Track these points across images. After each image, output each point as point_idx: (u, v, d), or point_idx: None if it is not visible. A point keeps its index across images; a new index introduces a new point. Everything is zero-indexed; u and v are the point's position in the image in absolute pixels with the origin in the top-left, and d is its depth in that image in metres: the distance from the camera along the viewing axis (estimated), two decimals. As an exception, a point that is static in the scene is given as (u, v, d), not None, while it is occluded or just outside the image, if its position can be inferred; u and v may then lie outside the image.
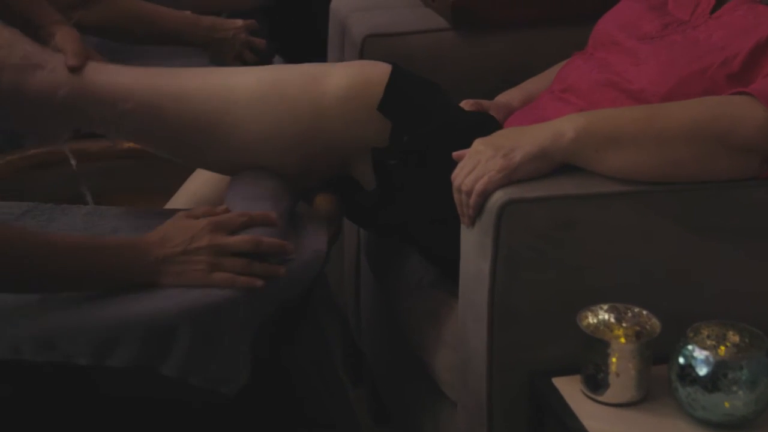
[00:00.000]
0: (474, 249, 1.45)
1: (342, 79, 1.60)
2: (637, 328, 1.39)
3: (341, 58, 2.14)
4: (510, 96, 1.90)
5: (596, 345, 1.36)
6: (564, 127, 1.43)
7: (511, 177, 1.41)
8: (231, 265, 1.38)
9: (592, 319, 1.39)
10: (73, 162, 1.82)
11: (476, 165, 1.43)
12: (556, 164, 1.43)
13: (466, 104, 1.83)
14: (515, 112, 1.83)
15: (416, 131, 1.60)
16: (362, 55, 2.03)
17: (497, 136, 1.46)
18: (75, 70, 1.59)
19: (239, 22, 2.24)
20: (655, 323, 1.37)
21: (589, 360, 1.37)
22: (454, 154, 1.49)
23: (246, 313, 1.38)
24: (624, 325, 1.39)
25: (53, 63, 1.58)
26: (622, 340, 1.38)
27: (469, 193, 1.42)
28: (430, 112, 1.63)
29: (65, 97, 1.58)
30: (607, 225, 1.41)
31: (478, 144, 1.45)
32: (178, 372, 1.33)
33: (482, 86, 2.06)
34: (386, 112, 1.59)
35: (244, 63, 2.23)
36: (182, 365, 1.33)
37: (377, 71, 1.63)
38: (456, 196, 1.45)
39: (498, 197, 1.40)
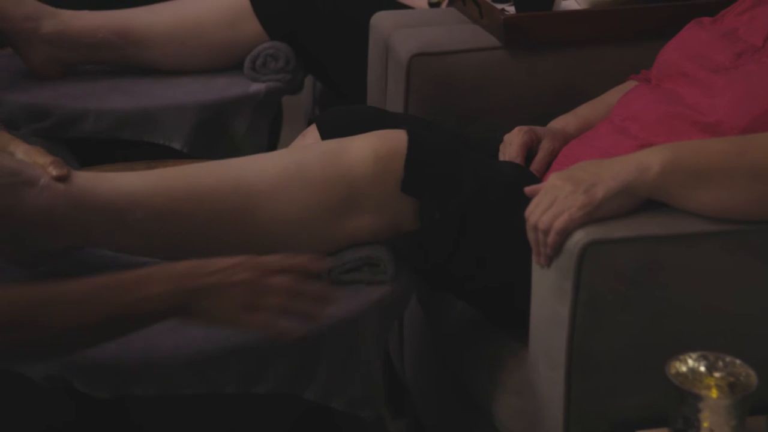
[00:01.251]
0: (550, 291, 1.35)
1: (365, 155, 1.47)
2: (731, 379, 1.28)
3: (383, 78, 2.05)
4: (565, 122, 1.80)
5: (686, 398, 1.26)
6: (649, 161, 1.33)
7: (593, 215, 1.31)
8: (271, 303, 1.25)
9: (681, 369, 1.29)
10: None
11: (554, 201, 1.33)
12: (640, 201, 1.33)
13: (519, 131, 1.74)
14: (571, 140, 1.74)
15: (447, 206, 1.48)
16: (409, 75, 1.93)
17: (576, 170, 1.37)
18: (64, 179, 1.41)
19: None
20: (750, 375, 1.27)
21: (677, 413, 1.27)
22: (527, 189, 1.39)
23: (378, 326, 1.44)
24: (716, 375, 1.29)
25: (45, 177, 1.42)
26: (714, 392, 1.28)
27: (546, 232, 1.32)
28: (460, 179, 1.49)
29: (64, 215, 1.42)
30: (696, 267, 1.32)
31: (556, 178, 1.35)
32: (323, 395, 1.33)
33: (533, 107, 1.97)
34: (411, 191, 1.47)
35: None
36: (326, 387, 1.33)
37: (396, 144, 1.48)
38: (531, 234, 1.35)
39: (579, 237, 1.30)
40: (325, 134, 1.71)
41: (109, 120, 2.10)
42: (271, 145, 2.33)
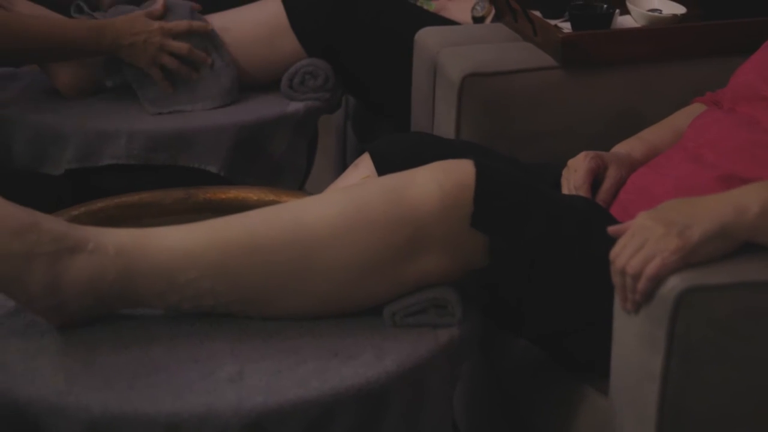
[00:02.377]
0: (637, 340, 1.25)
1: (430, 190, 1.36)
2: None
3: (430, 97, 1.95)
4: (630, 147, 1.71)
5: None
6: (747, 201, 1.23)
7: (688, 259, 1.21)
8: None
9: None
10: None
11: (644, 243, 1.23)
12: (738, 244, 1.23)
13: (585, 156, 1.64)
14: (638, 167, 1.64)
15: (518, 241, 1.38)
16: (461, 96, 1.84)
17: (666, 210, 1.27)
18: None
19: (154, 24, 2.06)
20: None
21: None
22: (611, 229, 1.30)
23: (446, 373, 1.37)
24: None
25: (94, 240, 1.32)
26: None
27: (636, 277, 1.22)
28: (530, 213, 1.39)
29: (114, 281, 1.32)
30: (800, 315, 1.22)
31: (645, 219, 1.25)
32: None
33: (590, 129, 1.88)
34: (481, 227, 1.37)
35: (162, 69, 2.06)
36: None
37: (462, 176, 1.37)
38: (617, 278, 1.25)
39: (675, 284, 1.20)
40: (380, 164, 1.62)
41: (142, 142, 2.01)
42: (308, 165, 2.23)
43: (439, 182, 1.37)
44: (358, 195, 1.38)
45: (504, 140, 1.86)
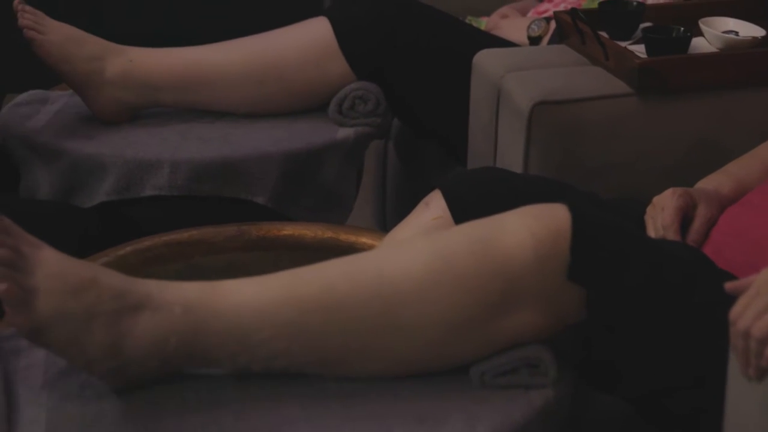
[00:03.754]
0: (761, 410, 1.13)
1: (523, 240, 1.24)
2: None
3: (491, 125, 1.84)
4: (717, 182, 1.59)
5: None
6: None
7: (824, 323, 1.10)
8: None
9: None
10: None
11: (770, 304, 1.11)
12: None
13: (673, 193, 1.53)
14: (730, 206, 1.53)
15: (618, 293, 1.26)
16: (530, 125, 1.72)
17: (793, 266, 1.15)
18: None
19: None
20: None
21: None
22: (729, 286, 1.17)
23: None
24: None
25: (158, 297, 1.20)
26: None
27: (763, 341, 1.11)
28: (630, 262, 1.27)
29: (180, 341, 1.21)
30: None
31: (771, 276, 1.14)
32: None
33: (668, 160, 1.76)
34: (579, 279, 1.25)
35: None
36: None
37: (556, 222, 1.26)
38: (739, 342, 1.13)
39: (809, 351, 1.08)
40: (453, 204, 1.50)
41: (185, 172, 1.89)
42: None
43: (531, 230, 1.25)
44: (443, 246, 1.26)
45: (575, 172, 1.74)
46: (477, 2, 2.54)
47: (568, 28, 1.90)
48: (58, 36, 1.97)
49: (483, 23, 2.35)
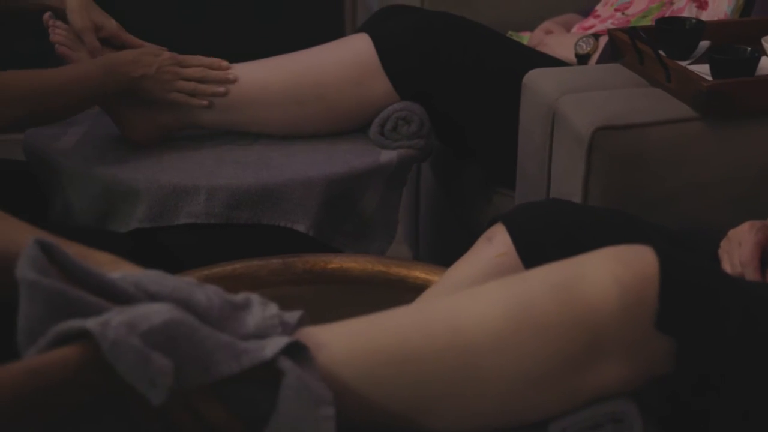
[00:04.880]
0: None
1: (607, 286, 1.14)
2: None
3: (545, 149, 1.75)
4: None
5: None
6: None
7: None
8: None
9: None
10: None
11: None
12: None
13: (751, 227, 1.44)
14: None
15: (710, 343, 1.17)
16: (590, 151, 1.63)
17: None
18: None
19: (165, 53, 1.88)
20: None
21: None
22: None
23: None
24: None
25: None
26: None
27: None
28: (722, 308, 1.17)
29: None
30: None
31: None
32: None
33: (736, 188, 1.67)
34: (669, 328, 1.16)
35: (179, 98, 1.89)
36: None
37: (642, 266, 1.16)
38: None
39: None
40: (519, 239, 1.41)
41: (222, 199, 1.80)
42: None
43: (616, 276, 1.16)
44: (521, 292, 1.17)
45: (637, 200, 1.65)
46: (516, 16, 2.45)
47: (625, 47, 1.81)
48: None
49: (525, 39, 2.26)
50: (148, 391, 1.01)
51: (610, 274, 1.16)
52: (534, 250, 1.40)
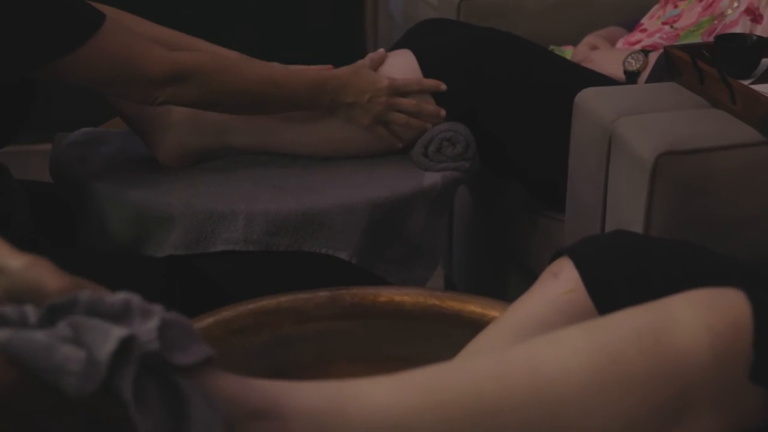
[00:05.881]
0: None
1: (698, 334, 1.06)
2: None
3: (600, 173, 1.67)
4: None
5: None
6: None
7: None
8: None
9: None
10: None
11: None
12: None
13: None
14: None
15: None
16: (654, 177, 1.55)
17: None
18: None
19: (383, 80, 1.78)
20: None
21: None
22: None
23: None
24: None
25: (277, 402, 1.01)
26: None
27: None
28: None
29: None
30: None
31: None
32: None
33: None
34: (762, 380, 1.07)
35: (387, 129, 1.81)
36: None
37: (734, 313, 1.08)
38: None
39: None
40: (588, 276, 1.32)
41: (262, 225, 1.71)
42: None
43: (707, 323, 1.07)
44: (606, 341, 1.08)
45: (702, 228, 1.57)
46: (554, 29, 2.37)
47: (683, 65, 1.72)
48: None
49: (567, 53, 2.18)
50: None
51: (700, 321, 1.07)
52: (604, 287, 1.31)
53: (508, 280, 2.15)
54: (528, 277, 2.05)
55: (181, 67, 1.62)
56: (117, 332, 0.94)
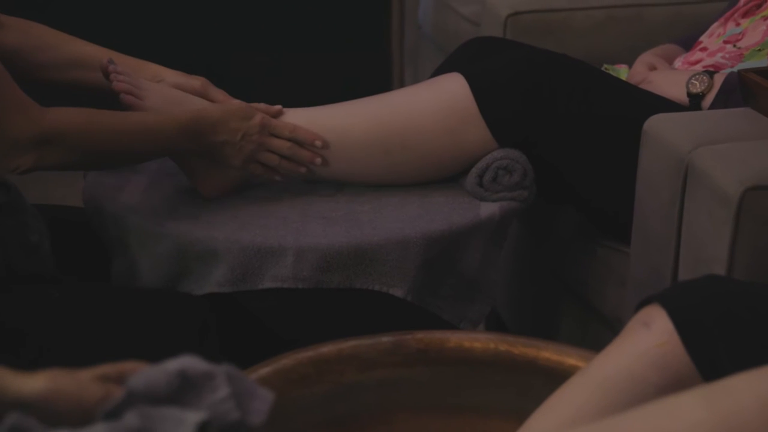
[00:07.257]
0: None
1: None
2: None
3: (675, 206, 1.57)
4: None
5: None
6: None
7: None
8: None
9: None
10: None
11: None
12: None
13: None
14: None
15: None
16: (739, 213, 1.44)
17: None
18: None
19: (256, 117, 1.66)
20: None
21: None
22: None
23: None
24: None
25: None
26: None
27: None
28: None
29: None
30: None
31: None
32: None
33: None
34: None
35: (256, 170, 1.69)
36: None
37: None
38: None
39: None
40: (684, 328, 1.22)
41: (313, 260, 1.61)
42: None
43: None
44: (728, 411, 0.98)
45: (790, 268, 1.47)
46: (604, 47, 2.27)
47: (759, 89, 1.62)
48: (157, 100, 1.70)
49: (622, 72, 2.08)
50: None
51: None
52: (701, 340, 1.21)
53: (560, 312, 2.04)
54: (584, 309, 1.94)
55: (50, 130, 1.49)
56: (192, 418, 0.85)
